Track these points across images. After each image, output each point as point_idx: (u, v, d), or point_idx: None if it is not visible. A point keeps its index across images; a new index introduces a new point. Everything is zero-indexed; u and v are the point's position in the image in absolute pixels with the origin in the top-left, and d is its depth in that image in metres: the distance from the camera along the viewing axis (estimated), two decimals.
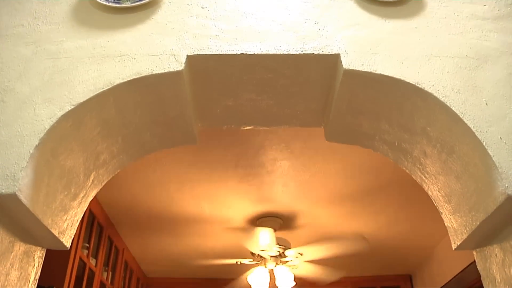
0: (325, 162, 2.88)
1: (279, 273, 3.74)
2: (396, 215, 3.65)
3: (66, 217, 1.85)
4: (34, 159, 1.54)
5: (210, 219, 3.64)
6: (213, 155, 2.79)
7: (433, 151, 1.79)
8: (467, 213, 1.74)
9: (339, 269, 4.05)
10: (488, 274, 1.86)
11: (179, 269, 4.81)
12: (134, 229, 3.87)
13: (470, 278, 3.97)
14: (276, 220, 3.61)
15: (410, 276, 5.07)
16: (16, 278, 1.71)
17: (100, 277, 3.45)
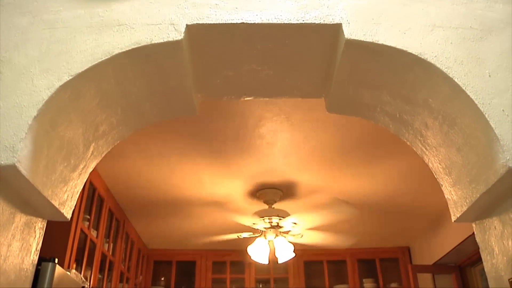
0: (325, 134, 2.87)
1: (278, 244, 3.77)
2: (396, 187, 3.66)
3: (66, 189, 1.85)
4: (33, 130, 1.52)
5: (210, 189, 3.65)
6: (213, 126, 2.77)
7: (434, 123, 1.78)
8: (467, 186, 1.74)
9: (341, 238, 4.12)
10: (487, 246, 1.87)
11: (180, 241, 4.85)
12: (134, 202, 3.88)
13: (468, 250, 4.01)
14: (276, 192, 3.62)
15: (409, 248, 5.12)
16: (17, 249, 1.72)
17: (102, 249, 3.47)
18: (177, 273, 5.02)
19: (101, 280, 3.51)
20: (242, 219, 3.82)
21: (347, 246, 4.94)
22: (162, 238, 4.79)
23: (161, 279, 5.07)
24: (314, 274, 5.09)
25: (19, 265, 1.75)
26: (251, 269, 4.97)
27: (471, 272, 4.25)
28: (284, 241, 3.75)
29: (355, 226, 4.30)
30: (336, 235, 3.89)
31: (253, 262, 4.79)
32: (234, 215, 3.91)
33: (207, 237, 4.22)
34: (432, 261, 4.44)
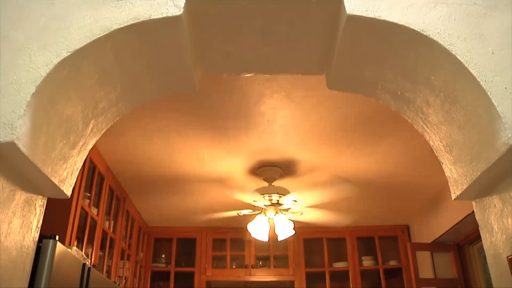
0: (326, 111, 2.85)
1: (278, 221, 3.78)
2: (396, 164, 3.66)
3: (66, 166, 1.85)
4: (32, 107, 1.51)
5: (210, 166, 3.65)
6: (213, 104, 2.76)
7: (436, 101, 1.77)
8: (468, 164, 1.73)
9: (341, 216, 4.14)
10: (486, 224, 1.87)
11: (180, 218, 4.87)
12: (135, 179, 3.89)
13: (467, 229, 4.03)
14: (277, 170, 3.62)
15: (408, 227, 5.15)
16: (18, 226, 1.73)
17: (102, 226, 3.49)
18: (177, 250, 5.07)
19: (102, 257, 3.54)
20: (242, 197, 3.83)
21: (347, 224, 4.97)
22: (163, 215, 4.82)
23: (162, 256, 5.11)
24: (313, 252, 5.13)
25: (20, 242, 1.76)
26: (251, 246, 5.00)
27: (469, 250, 4.28)
28: (284, 219, 3.76)
29: (355, 204, 4.31)
30: (336, 213, 3.91)
31: (253, 240, 4.83)
32: (234, 193, 3.92)
33: (207, 214, 4.22)
34: (431, 239, 4.47)
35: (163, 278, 5.05)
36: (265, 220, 3.80)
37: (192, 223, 4.98)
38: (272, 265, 4.98)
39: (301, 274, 4.90)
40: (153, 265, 4.98)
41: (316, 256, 5.11)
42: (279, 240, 4.09)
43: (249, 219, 3.95)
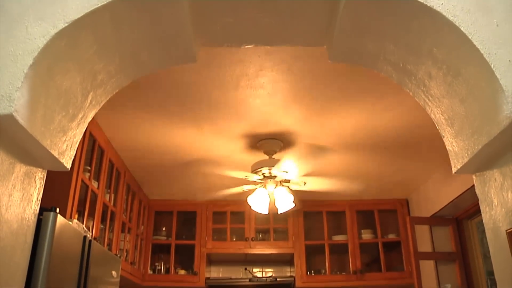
0: (327, 84, 2.83)
1: (278, 194, 3.79)
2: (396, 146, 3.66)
3: (65, 138, 1.84)
4: (29, 79, 1.50)
5: (210, 140, 3.64)
6: (213, 76, 2.73)
7: (438, 73, 1.75)
8: (469, 137, 1.72)
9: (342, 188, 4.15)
10: (486, 197, 1.87)
11: (181, 192, 4.89)
12: (135, 153, 3.88)
13: (465, 203, 4.05)
14: (277, 142, 3.61)
15: (407, 201, 5.17)
16: (18, 198, 1.73)
17: (103, 199, 3.50)
18: (178, 223, 5.10)
19: (103, 230, 3.56)
20: (241, 170, 3.84)
21: (347, 196, 4.99)
22: (163, 189, 4.83)
23: (163, 229, 5.14)
24: (313, 225, 5.17)
25: (20, 214, 1.77)
26: (251, 219, 5.04)
27: (468, 224, 4.31)
28: (284, 192, 3.77)
29: (355, 174, 4.30)
30: (337, 185, 3.89)
31: (253, 213, 4.86)
32: (234, 166, 3.93)
33: (209, 192, 4.22)
34: (430, 214, 4.49)
35: (164, 251, 5.10)
36: (265, 193, 3.80)
37: (193, 196, 5.00)
38: (272, 238, 5.02)
39: (301, 246, 4.94)
40: (153, 238, 5.02)
41: (316, 229, 5.14)
42: (279, 213, 4.11)
43: (249, 192, 3.95)
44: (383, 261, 4.90)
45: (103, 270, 2.79)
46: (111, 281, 2.93)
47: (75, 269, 2.33)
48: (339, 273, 4.97)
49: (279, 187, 3.79)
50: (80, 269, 2.38)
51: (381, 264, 4.91)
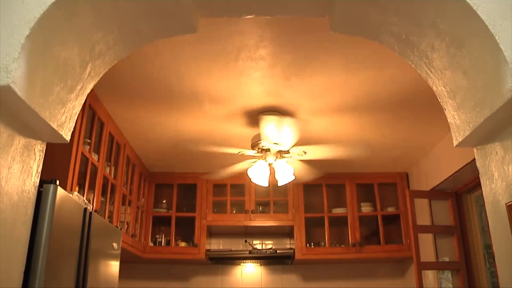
0: (328, 56, 2.80)
1: (279, 167, 3.78)
2: (397, 115, 3.64)
3: (64, 110, 1.83)
4: (26, 50, 1.48)
5: (211, 114, 3.62)
6: (213, 47, 2.70)
7: (441, 45, 1.73)
8: (471, 110, 1.71)
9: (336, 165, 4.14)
10: (487, 171, 1.87)
11: (180, 164, 4.89)
12: (134, 125, 3.87)
13: (465, 177, 4.06)
14: (277, 115, 3.59)
15: (407, 174, 5.17)
16: (18, 171, 1.73)
17: (103, 172, 3.50)
18: (178, 196, 5.12)
19: (103, 203, 3.57)
20: (241, 143, 3.83)
21: (347, 169, 5.00)
22: (163, 161, 4.83)
23: (163, 201, 5.17)
24: (313, 197, 5.19)
25: (21, 186, 1.77)
26: (251, 192, 5.06)
27: (467, 198, 4.32)
28: (284, 164, 3.76)
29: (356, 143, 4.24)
30: (338, 152, 3.83)
31: (253, 185, 4.87)
32: (233, 138, 3.92)
33: (208, 148, 4.17)
34: (429, 187, 4.50)
35: (165, 223, 5.13)
36: (265, 165, 3.79)
37: (193, 168, 5.01)
38: (272, 210, 5.05)
39: (301, 219, 4.97)
40: (154, 210, 5.05)
41: (315, 202, 5.17)
42: (279, 185, 4.12)
43: (246, 162, 3.94)
44: (382, 234, 4.94)
45: (104, 242, 2.81)
46: (112, 253, 2.95)
47: (76, 241, 2.35)
48: (338, 246, 5.02)
49: (279, 160, 3.78)
50: (81, 241, 2.40)
51: (380, 237, 4.94)
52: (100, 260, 2.70)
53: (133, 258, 4.76)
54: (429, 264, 4.31)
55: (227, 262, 5.24)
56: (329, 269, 5.31)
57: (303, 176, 4.15)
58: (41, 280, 1.93)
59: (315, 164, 3.95)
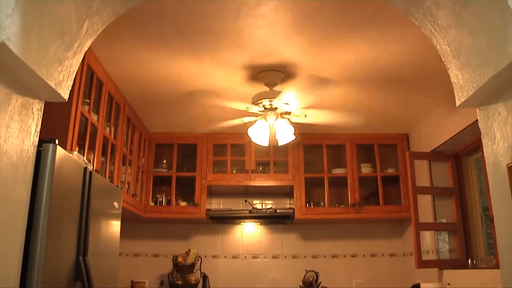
0: (330, 14, 2.74)
1: (279, 126, 3.76)
2: (398, 79, 3.60)
3: (62, 68, 1.80)
4: (21, 6, 1.44)
5: (210, 71, 3.57)
6: (213, 5, 2.64)
7: (446, 2, 1.68)
8: (476, 69, 1.68)
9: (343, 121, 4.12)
10: (489, 132, 1.86)
11: (180, 124, 4.87)
12: (133, 84, 3.83)
13: (465, 140, 4.05)
14: (278, 74, 3.54)
15: (407, 136, 5.16)
16: (17, 130, 1.72)
17: (103, 132, 3.49)
18: (178, 156, 5.12)
19: (104, 163, 3.57)
20: (242, 102, 3.80)
21: (348, 130, 4.99)
22: (163, 122, 4.81)
23: (163, 161, 5.17)
24: (313, 158, 5.19)
25: (19, 146, 1.76)
26: (251, 152, 5.06)
27: (467, 161, 4.33)
28: (285, 124, 3.74)
29: (357, 107, 4.24)
30: (337, 117, 3.82)
31: (253, 145, 4.87)
32: (234, 97, 3.89)
33: (210, 124, 4.17)
34: (430, 149, 4.50)
35: (165, 183, 5.16)
36: (266, 125, 3.78)
37: (193, 128, 5.00)
38: (272, 170, 5.06)
39: (301, 179, 4.99)
40: (154, 170, 5.07)
41: (315, 162, 5.18)
42: (279, 145, 4.11)
43: (249, 124, 3.93)
44: (381, 195, 4.97)
45: (104, 201, 2.82)
46: (113, 212, 2.97)
47: (76, 201, 2.36)
48: (338, 206, 5.05)
49: (279, 119, 3.76)
50: (82, 201, 2.41)
51: (379, 198, 4.98)
52: (101, 219, 2.72)
53: (134, 218, 4.81)
54: (427, 225, 4.36)
55: (227, 221, 5.31)
56: (328, 229, 5.38)
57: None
58: (43, 239, 1.94)
59: (315, 125, 3.94)
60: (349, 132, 5.09)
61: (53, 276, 2.06)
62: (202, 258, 5.20)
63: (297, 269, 5.26)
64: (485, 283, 3.45)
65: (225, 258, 5.34)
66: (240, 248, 5.37)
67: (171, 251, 5.25)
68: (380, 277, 5.24)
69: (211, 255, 5.32)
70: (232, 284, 5.25)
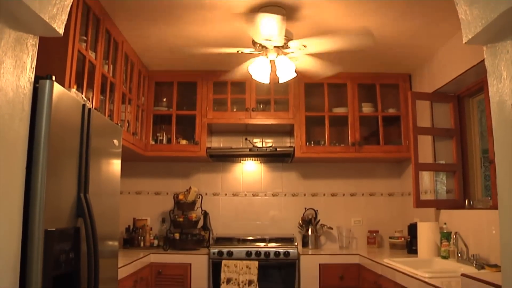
0: None
1: (280, 63, 3.69)
2: (404, 9, 3.48)
3: (55, 1, 1.73)
4: None
5: (210, 4, 3.46)
6: None
7: None
8: (485, 4, 1.62)
9: (339, 63, 4.03)
10: (495, 70, 1.82)
11: (180, 62, 4.79)
12: (131, 20, 3.72)
13: (468, 81, 3.98)
14: (279, 10, 3.44)
15: (410, 76, 5.09)
16: (11, 66, 1.68)
17: (101, 70, 3.43)
18: (178, 94, 5.08)
19: (103, 102, 3.54)
20: (242, 38, 3.71)
21: (350, 69, 4.91)
22: (162, 59, 4.72)
23: (163, 100, 5.13)
24: (314, 97, 5.14)
25: (15, 82, 1.73)
26: (251, 90, 5.00)
27: (469, 102, 4.28)
28: (286, 61, 3.67)
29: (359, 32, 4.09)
30: (338, 43, 3.66)
31: (254, 83, 4.81)
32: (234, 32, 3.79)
33: (206, 50, 4.04)
34: (432, 90, 4.44)
35: (165, 121, 5.15)
36: (267, 62, 3.71)
37: (193, 66, 4.93)
38: (272, 109, 5.03)
39: (301, 118, 4.97)
40: (154, 108, 5.03)
41: (316, 101, 5.13)
42: (280, 82, 4.06)
43: (249, 57, 3.84)
44: (381, 135, 4.96)
45: (104, 140, 2.81)
46: (114, 151, 2.96)
47: (76, 139, 2.34)
48: (338, 145, 5.06)
49: (280, 56, 3.69)
50: (81, 138, 2.39)
51: (379, 138, 4.98)
52: (101, 157, 2.72)
53: (135, 156, 4.84)
54: (426, 166, 4.38)
55: (228, 159, 5.34)
56: (328, 168, 5.42)
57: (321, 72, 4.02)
58: (43, 176, 1.94)
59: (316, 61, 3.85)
60: (350, 71, 5.01)
61: (55, 213, 2.08)
62: (203, 196, 5.28)
63: (297, 207, 5.35)
64: (481, 223, 3.51)
65: (225, 196, 5.41)
66: (241, 186, 5.44)
67: (172, 189, 5.32)
68: (378, 216, 5.34)
69: (211, 193, 5.39)
70: (233, 221, 5.36)
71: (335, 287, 4.46)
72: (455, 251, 3.66)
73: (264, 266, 4.47)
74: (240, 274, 4.37)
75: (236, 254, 4.52)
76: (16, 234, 1.77)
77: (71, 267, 2.22)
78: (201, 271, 4.49)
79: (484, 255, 3.36)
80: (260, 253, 4.51)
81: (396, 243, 4.85)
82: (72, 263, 2.23)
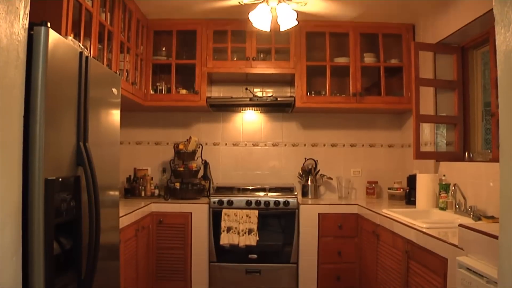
0: None
1: (281, 11, 3.61)
2: None
3: None
4: None
5: None
6: None
7: None
8: None
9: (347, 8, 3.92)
10: (504, 18, 1.76)
11: (179, 9, 4.68)
12: None
13: (473, 32, 3.89)
14: None
15: (413, 26, 4.97)
16: (3, 11, 1.63)
17: (99, 18, 3.35)
18: (177, 43, 4.99)
19: (101, 50, 3.47)
20: None
21: (351, 18, 4.80)
22: (161, 7, 4.62)
23: (162, 49, 5.05)
24: (315, 46, 5.05)
25: (8, 29, 1.68)
26: (252, 39, 4.92)
27: (473, 54, 4.20)
28: (287, 8, 3.59)
29: None
30: (341, 5, 3.59)
31: (254, 31, 4.72)
32: None
33: (207, 4, 3.95)
34: (436, 41, 4.36)
35: (165, 71, 5.08)
36: (267, 9, 3.62)
37: (192, 14, 4.82)
38: (273, 58, 4.95)
39: (302, 67, 4.90)
40: (153, 58, 4.96)
41: (317, 50, 5.05)
42: (281, 30, 3.98)
43: (251, 9, 3.76)
44: (383, 86, 4.91)
45: (103, 89, 2.77)
46: (113, 101, 2.92)
47: (74, 88, 2.31)
48: (339, 95, 5.02)
49: (281, 3, 3.60)
50: (79, 87, 2.35)
51: (381, 88, 4.93)
52: (100, 108, 2.69)
53: (135, 106, 4.81)
54: (427, 117, 4.36)
55: (228, 109, 5.32)
56: (328, 118, 5.41)
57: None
58: (42, 125, 1.93)
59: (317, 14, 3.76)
60: (352, 20, 4.90)
61: (55, 162, 2.08)
62: (203, 146, 5.29)
63: (297, 157, 5.37)
64: (480, 175, 3.52)
65: (225, 146, 5.43)
66: (241, 136, 5.44)
67: (172, 139, 5.33)
68: (377, 167, 5.37)
69: (211, 143, 5.40)
70: (233, 170, 5.40)
71: (334, 236, 4.54)
72: (453, 202, 3.69)
73: (264, 215, 4.53)
74: (240, 223, 4.43)
75: (236, 203, 4.57)
76: (16, 183, 1.77)
77: (72, 215, 2.24)
78: (202, 220, 4.56)
79: (481, 207, 3.39)
80: (260, 202, 4.56)
81: (395, 194, 4.89)
82: (74, 212, 2.25)
